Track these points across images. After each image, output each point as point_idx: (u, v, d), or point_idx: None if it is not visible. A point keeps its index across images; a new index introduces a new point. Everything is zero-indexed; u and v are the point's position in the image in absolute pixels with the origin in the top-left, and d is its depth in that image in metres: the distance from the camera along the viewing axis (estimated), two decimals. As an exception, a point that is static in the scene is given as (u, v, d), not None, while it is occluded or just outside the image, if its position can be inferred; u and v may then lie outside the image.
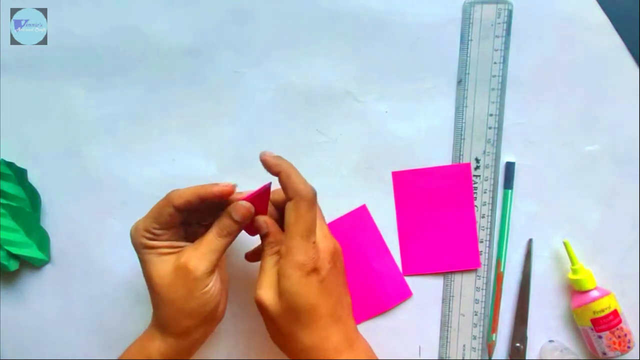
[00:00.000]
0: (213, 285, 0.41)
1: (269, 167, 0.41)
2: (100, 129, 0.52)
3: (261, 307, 0.41)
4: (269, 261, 0.41)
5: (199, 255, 0.40)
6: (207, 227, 0.45)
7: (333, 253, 0.41)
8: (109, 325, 0.52)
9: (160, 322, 0.42)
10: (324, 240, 0.41)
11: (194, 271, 0.40)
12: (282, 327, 0.40)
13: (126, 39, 0.51)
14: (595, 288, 0.48)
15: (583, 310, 0.48)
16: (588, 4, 0.48)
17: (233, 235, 0.42)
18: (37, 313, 0.53)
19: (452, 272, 0.51)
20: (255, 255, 0.47)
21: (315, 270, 0.39)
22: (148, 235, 0.41)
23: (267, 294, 0.40)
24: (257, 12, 0.50)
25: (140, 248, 0.41)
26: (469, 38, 0.49)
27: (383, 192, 0.50)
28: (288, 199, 0.40)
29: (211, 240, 0.41)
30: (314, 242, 0.40)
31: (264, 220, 0.42)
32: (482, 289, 0.51)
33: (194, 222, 0.44)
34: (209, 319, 0.43)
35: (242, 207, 0.41)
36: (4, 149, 0.52)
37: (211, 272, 0.41)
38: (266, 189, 0.42)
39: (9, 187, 0.50)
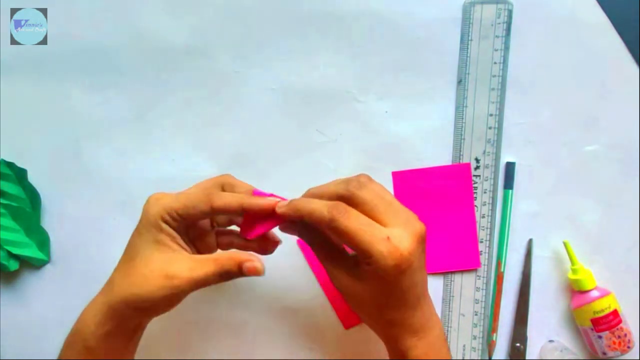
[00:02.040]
0: (183, 298, 0.40)
1: (291, 216, 0.39)
2: (100, 129, 0.52)
3: (348, 296, 0.40)
4: (324, 253, 0.41)
5: (191, 276, 0.38)
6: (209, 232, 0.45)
7: (420, 238, 0.38)
8: (109, 325, 0.52)
9: (114, 297, 0.39)
10: (411, 226, 0.37)
11: (178, 287, 0.38)
12: (369, 310, 0.40)
13: (126, 39, 0.51)
14: (595, 288, 0.48)
15: (583, 310, 0.48)
16: (588, 4, 0.48)
17: (229, 279, 0.39)
18: (37, 313, 0.53)
19: (452, 272, 0.51)
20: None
21: (408, 266, 0.36)
22: (166, 216, 0.39)
23: (350, 284, 0.39)
24: (257, 12, 0.50)
25: (149, 224, 0.39)
26: (469, 38, 0.49)
27: (383, 192, 0.50)
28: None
29: (208, 274, 0.38)
30: (389, 238, 0.36)
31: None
32: (482, 289, 0.51)
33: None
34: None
35: (254, 269, 0.38)
36: (4, 149, 0.52)
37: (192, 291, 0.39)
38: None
39: (9, 187, 0.50)
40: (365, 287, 0.38)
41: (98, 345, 0.40)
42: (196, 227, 0.43)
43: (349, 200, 0.38)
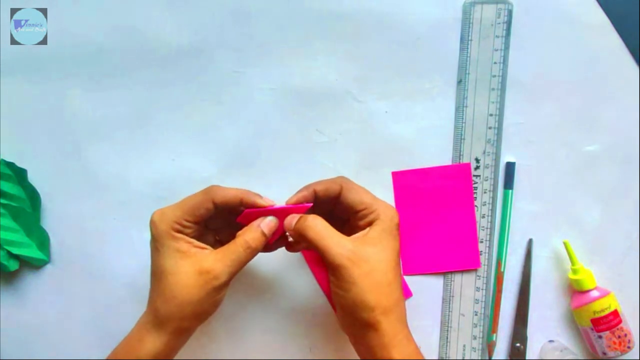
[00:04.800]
0: (225, 292, 0.42)
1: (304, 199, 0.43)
2: (100, 129, 0.52)
3: (357, 263, 0.40)
4: (328, 232, 0.41)
5: (223, 265, 0.40)
6: (216, 235, 0.46)
7: (398, 217, 0.43)
8: (109, 325, 0.52)
9: (161, 319, 0.41)
10: (392, 206, 0.43)
11: (217, 279, 0.40)
12: (379, 272, 0.40)
13: (126, 39, 0.51)
14: (595, 288, 0.48)
15: (583, 310, 0.48)
16: (588, 4, 0.48)
17: (259, 248, 0.42)
18: (37, 313, 0.53)
19: (452, 272, 0.51)
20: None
21: (399, 222, 0.43)
22: (176, 226, 0.41)
23: (360, 250, 0.40)
24: (257, 12, 0.50)
25: (163, 238, 0.41)
26: (469, 38, 0.49)
27: (383, 192, 0.50)
28: (339, 195, 0.43)
29: (238, 251, 0.41)
30: (384, 201, 0.43)
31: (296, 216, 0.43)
32: (482, 289, 0.51)
33: (212, 228, 0.45)
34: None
35: (272, 223, 0.42)
36: (4, 149, 0.52)
37: (228, 284, 0.41)
38: (294, 208, 0.43)
39: (9, 187, 0.50)
40: (374, 249, 0.40)
41: None
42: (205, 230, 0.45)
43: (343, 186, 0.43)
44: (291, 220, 0.42)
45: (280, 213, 0.43)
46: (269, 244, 0.44)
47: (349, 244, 0.40)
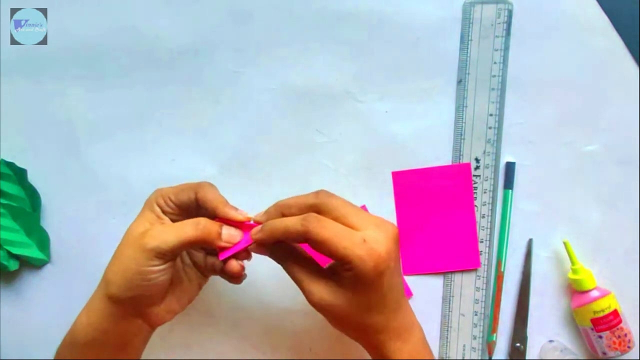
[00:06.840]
0: (157, 274, 0.39)
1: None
2: (100, 129, 0.52)
3: (328, 309, 0.39)
4: (298, 269, 0.40)
5: (164, 232, 0.38)
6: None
7: (394, 238, 0.38)
8: (109, 325, 0.52)
9: (103, 281, 0.41)
10: (384, 227, 0.38)
11: (149, 243, 0.38)
12: (352, 319, 0.39)
13: (126, 39, 0.51)
14: (595, 288, 0.48)
15: (583, 310, 0.48)
16: (588, 4, 0.48)
17: (207, 232, 0.39)
18: (37, 313, 0.53)
19: (452, 272, 0.51)
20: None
21: (386, 267, 0.37)
22: (161, 201, 0.42)
23: (329, 296, 0.38)
24: (257, 12, 0.50)
25: (146, 206, 0.42)
26: (469, 38, 0.49)
27: (383, 192, 0.50)
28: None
29: (184, 224, 0.39)
30: (365, 240, 0.36)
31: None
32: (482, 289, 0.51)
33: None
34: (144, 311, 0.41)
35: (235, 233, 0.40)
36: (4, 149, 0.52)
37: (160, 254, 0.38)
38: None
39: (9, 187, 0.50)
40: (346, 296, 0.38)
41: (92, 342, 0.41)
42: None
43: (320, 207, 0.38)
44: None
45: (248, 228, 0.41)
46: (223, 265, 0.41)
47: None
